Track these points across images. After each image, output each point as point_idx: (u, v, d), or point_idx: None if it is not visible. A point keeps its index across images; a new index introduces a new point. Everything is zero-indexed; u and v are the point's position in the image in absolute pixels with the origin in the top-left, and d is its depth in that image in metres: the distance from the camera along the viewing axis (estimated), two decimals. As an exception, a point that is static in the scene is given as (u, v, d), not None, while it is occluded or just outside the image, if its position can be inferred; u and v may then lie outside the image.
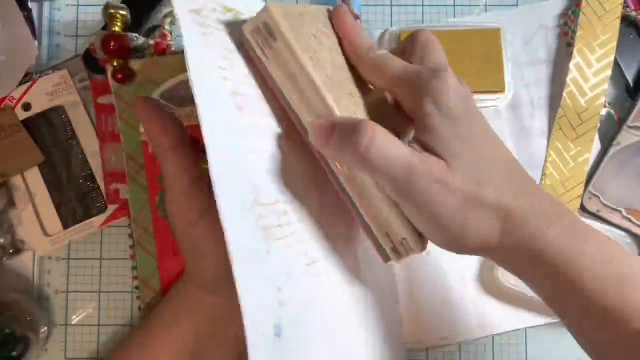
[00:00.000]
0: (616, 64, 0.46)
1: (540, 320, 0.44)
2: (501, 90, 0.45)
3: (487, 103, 0.45)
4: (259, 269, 0.27)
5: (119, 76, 0.43)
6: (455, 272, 0.44)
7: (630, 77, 0.47)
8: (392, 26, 0.47)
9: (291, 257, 0.29)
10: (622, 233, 0.44)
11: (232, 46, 0.30)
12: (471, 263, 0.44)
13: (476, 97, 0.44)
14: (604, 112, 0.46)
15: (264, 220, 0.28)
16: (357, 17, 0.46)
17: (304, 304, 0.30)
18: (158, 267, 0.43)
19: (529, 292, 0.41)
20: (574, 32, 0.46)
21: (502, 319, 0.44)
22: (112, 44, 0.42)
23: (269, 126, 0.31)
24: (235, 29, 0.30)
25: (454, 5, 0.48)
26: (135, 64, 0.44)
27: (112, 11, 0.43)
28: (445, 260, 0.44)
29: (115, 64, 0.43)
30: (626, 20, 0.46)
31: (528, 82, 0.46)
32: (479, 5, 0.48)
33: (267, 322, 0.26)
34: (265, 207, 0.28)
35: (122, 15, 0.43)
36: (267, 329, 0.26)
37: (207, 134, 0.26)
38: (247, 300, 0.24)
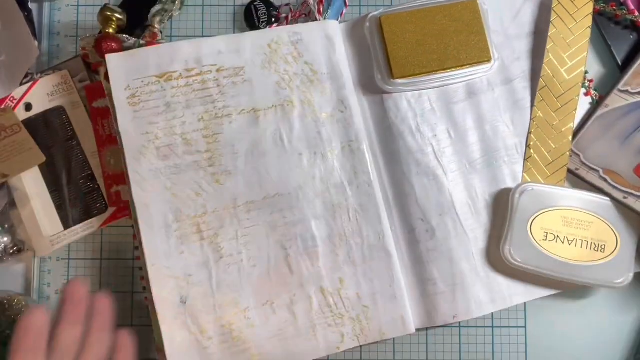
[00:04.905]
0: (607, 48, 0.47)
1: (547, 292, 0.45)
2: (488, 59, 0.44)
3: (476, 75, 0.45)
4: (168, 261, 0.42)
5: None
6: (462, 251, 0.44)
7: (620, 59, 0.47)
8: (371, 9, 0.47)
9: (207, 253, 0.42)
10: (604, 198, 0.44)
11: (161, 108, 0.43)
12: (477, 242, 0.44)
13: (465, 70, 0.44)
14: (589, 99, 0.47)
15: (180, 230, 0.42)
16: None
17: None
18: None
19: (534, 268, 0.42)
20: None
21: (512, 293, 0.44)
22: (105, 45, 0.42)
23: (193, 161, 0.43)
24: None
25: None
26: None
27: (108, 13, 0.44)
28: (452, 240, 0.44)
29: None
30: (621, 24, 0.47)
31: (519, 54, 0.47)
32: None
33: (174, 293, 0.42)
34: (183, 222, 0.42)
35: (117, 18, 0.44)
36: (174, 298, 0.42)
37: (133, 182, 0.42)
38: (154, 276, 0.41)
